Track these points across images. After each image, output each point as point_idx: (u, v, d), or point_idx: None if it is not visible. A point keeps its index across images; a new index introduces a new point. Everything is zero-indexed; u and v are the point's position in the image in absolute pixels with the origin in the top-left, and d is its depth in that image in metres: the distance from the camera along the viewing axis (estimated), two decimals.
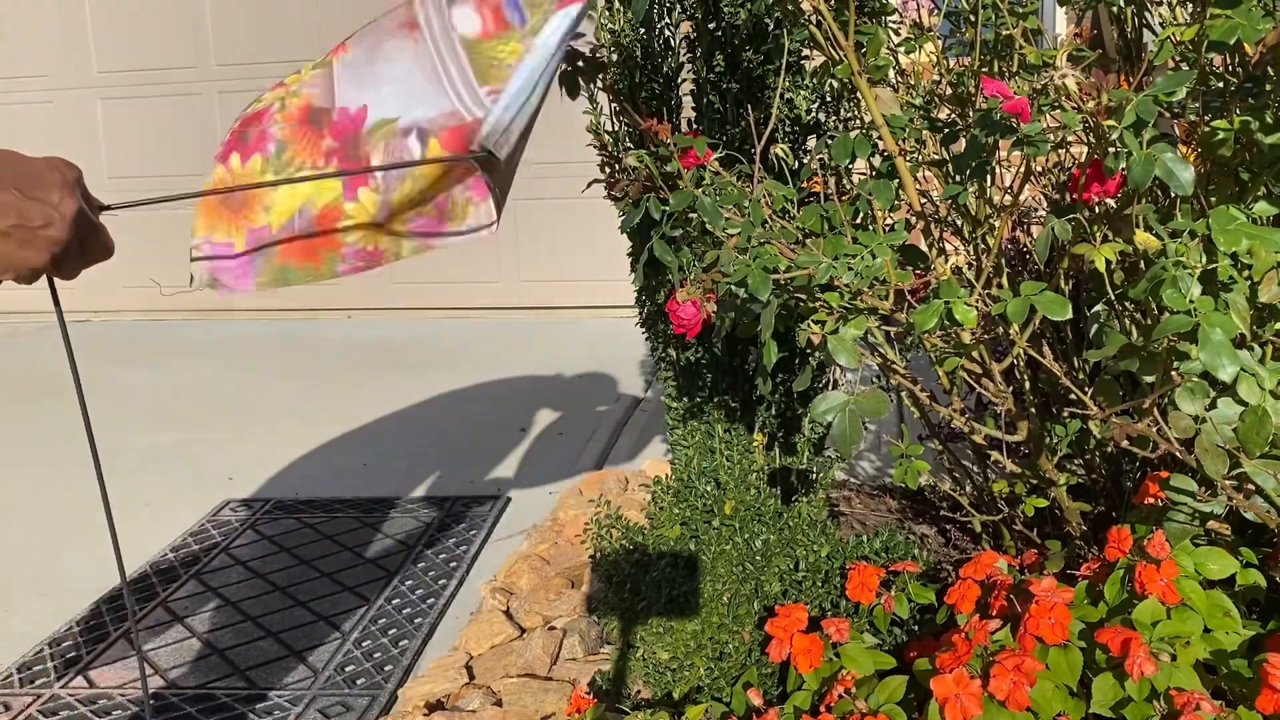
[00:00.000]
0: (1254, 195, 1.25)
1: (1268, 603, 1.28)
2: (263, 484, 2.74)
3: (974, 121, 1.17)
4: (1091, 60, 1.43)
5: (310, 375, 3.88)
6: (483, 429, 3.11)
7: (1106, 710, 1.13)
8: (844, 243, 1.19)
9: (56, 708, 1.74)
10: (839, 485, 2.32)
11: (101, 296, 5.31)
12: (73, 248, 0.77)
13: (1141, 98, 1.02)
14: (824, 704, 1.27)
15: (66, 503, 2.66)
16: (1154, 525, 1.29)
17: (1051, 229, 1.18)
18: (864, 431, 1.16)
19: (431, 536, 2.36)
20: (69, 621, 2.04)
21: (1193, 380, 1.08)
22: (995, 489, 1.62)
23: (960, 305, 1.10)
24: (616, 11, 1.83)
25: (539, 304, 4.75)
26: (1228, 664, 1.16)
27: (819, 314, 1.19)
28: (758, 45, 1.79)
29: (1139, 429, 1.16)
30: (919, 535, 2.02)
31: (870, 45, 1.34)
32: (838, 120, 1.89)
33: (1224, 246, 1.06)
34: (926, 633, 1.45)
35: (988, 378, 1.41)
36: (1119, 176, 1.06)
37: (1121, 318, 1.28)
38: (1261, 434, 1.07)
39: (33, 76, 5.18)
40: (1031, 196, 1.78)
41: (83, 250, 0.79)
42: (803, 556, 1.68)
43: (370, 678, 1.79)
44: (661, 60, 1.89)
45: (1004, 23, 1.36)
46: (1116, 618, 1.21)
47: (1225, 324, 1.02)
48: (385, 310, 5.10)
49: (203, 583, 2.19)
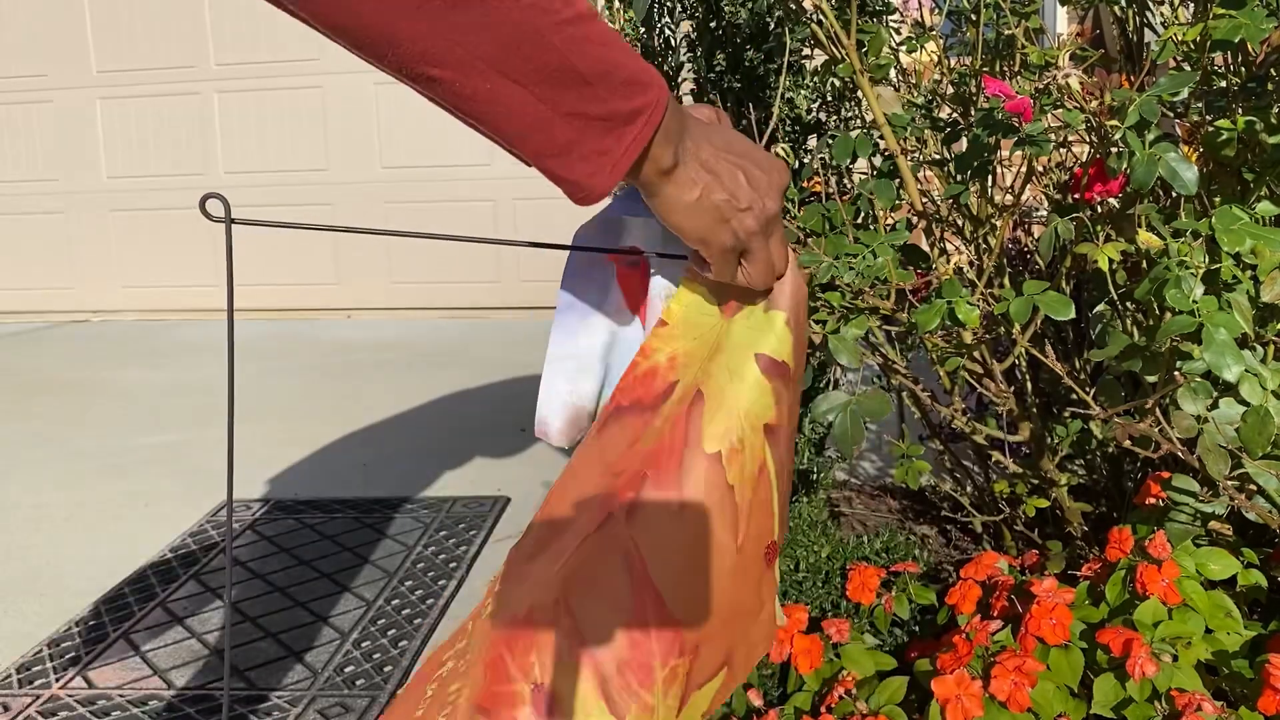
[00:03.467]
0: (1257, 195, 1.25)
1: (1269, 603, 1.28)
2: (262, 484, 2.74)
3: (976, 121, 1.17)
4: (1094, 60, 1.43)
5: (310, 375, 3.88)
6: (483, 429, 3.11)
7: (1108, 711, 1.13)
8: (845, 242, 1.19)
9: (56, 708, 1.74)
10: (839, 485, 2.32)
11: (101, 296, 5.31)
12: (755, 244, 0.75)
13: (1145, 97, 1.01)
14: (824, 705, 1.26)
15: (66, 502, 2.65)
16: (1155, 526, 1.29)
17: (1055, 228, 1.18)
18: (865, 431, 1.16)
19: (431, 536, 2.36)
20: (69, 621, 2.03)
21: (1195, 380, 1.08)
22: (996, 489, 1.61)
23: (963, 305, 1.10)
24: (617, 11, 1.82)
25: (539, 304, 4.75)
26: (1229, 665, 1.16)
27: (820, 313, 1.19)
28: (759, 44, 1.79)
29: (1141, 429, 1.15)
30: (920, 536, 2.02)
31: (872, 44, 1.34)
32: (839, 119, 1.89)
33: (1227, 246, 1.05)
34: (927, 633, 1.45)
35: (989, 378, 1.41)
36: (1122, 176, 1.06)
37: (1124, 318, 1.28)
38: (1263, 434, 1.07)
39: (33, 76, 5.18)
40: (1033, 196, 1.78)
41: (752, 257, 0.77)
42: (803, 557, 1.67)
43: (370, 679, 1.79)
44: (662, 59, 1.89)
45: (1006, 22, 1.36)
46: (1118, 618, 1.21)
47: (1229, 324, 1.02)
48: (385, 310, 5.09)
49: (202, 583, 2.18)
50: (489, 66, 0.60)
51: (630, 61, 0.64)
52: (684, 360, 0.82)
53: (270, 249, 4.89)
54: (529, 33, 0.59)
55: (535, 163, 0.65)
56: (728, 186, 0.72)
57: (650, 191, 0.71)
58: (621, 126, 0.65)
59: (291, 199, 4.96)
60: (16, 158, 5.29)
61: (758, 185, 0.73)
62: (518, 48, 0.59)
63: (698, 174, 0.71)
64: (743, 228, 0.73)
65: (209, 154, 5.11)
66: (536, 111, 0.62)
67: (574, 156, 0.64)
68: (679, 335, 0.82)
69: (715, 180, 0.72)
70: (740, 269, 0.76)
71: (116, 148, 5.21)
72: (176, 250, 5.19)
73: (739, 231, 0.73)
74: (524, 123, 0.63)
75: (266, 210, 4.74)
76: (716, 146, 0.72)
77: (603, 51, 0.63)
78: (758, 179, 0.73)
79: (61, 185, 5.27)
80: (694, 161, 0.71)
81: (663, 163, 0.69)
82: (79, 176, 5.25)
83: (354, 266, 5.11)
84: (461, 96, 0.61)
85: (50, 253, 5.32)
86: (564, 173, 0.65)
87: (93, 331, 4.92)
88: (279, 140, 4.97)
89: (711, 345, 0.82)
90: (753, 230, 0.74)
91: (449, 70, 0.59)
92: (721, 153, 0.72)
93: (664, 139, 0.68)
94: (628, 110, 0.64)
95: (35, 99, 5.22)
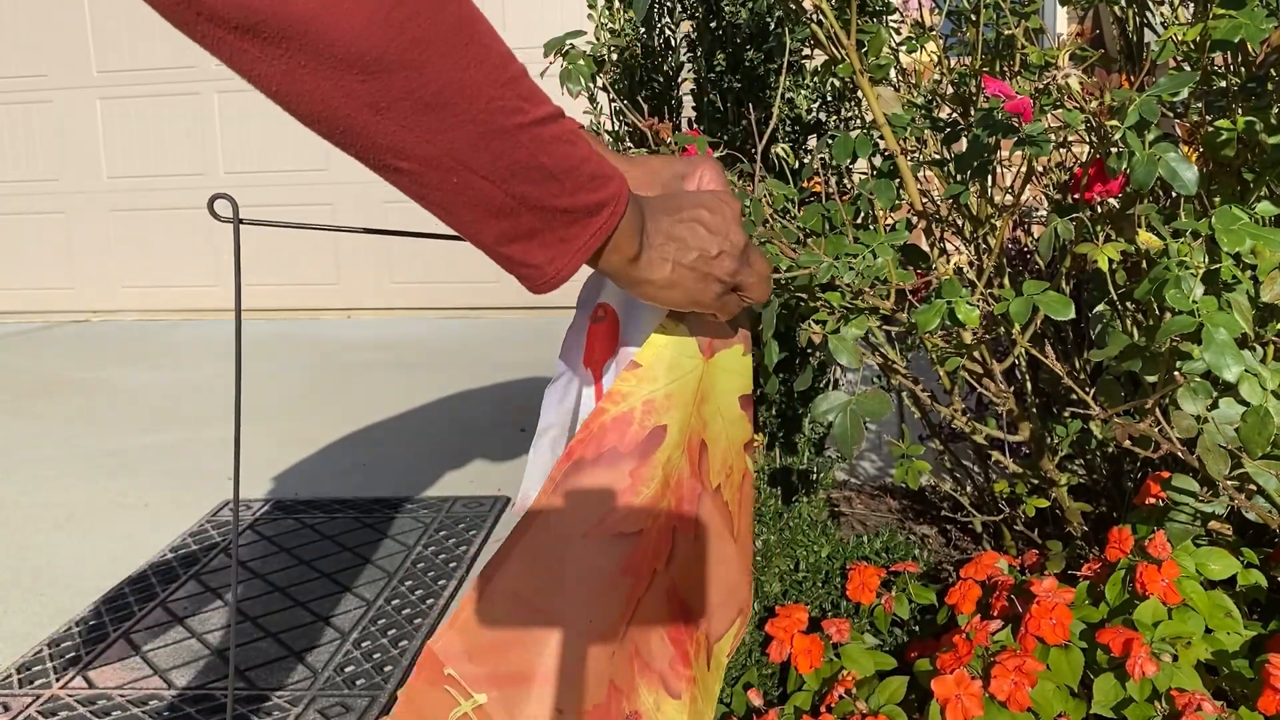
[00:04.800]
0: (1257, 195, 1.25)
1: (1269, 603, 1.28)
2: (262, 484, 2.74)
3: (976, 121, 1.17)
4: (1094, 60, 1.43)
5: (310, 375, 3.88)
6: (483, 429, 3.11)
7: (1107, 711, 1.13)
8: (845, 242, 1.19)
9: (56, 708, 1.74)
10: (839, 485, 2.32)
11: (101, 296, 5.31)
12: (742, 277, 0.79)
13: (1145, 98, 1.01)
14: (824, 704, 1.26)
15: (66, 502, 2.65)
16: (1155, 526, 1.29)
17: (1055, 228, 1.18)
18: (865, 431, 1.16)
19: (431, 536, 2.36)
20: (69, 621, 2.03)
21: (1195, 380, 1.08)
22: (996, 489, 1.61)
23: (962, 305, 1.10)
24: (617, 11, 1.82)
25: (539, 304, 4.74)
26: (1229, 664, 1.16)
27: (820, 313, 1.19)
28: (759, 44, 1.79)
29: (1141, 429, 1.15)
30: (919, 535, 2.02)
31: (872, 44, 1.34)
32: (839, 119, 1.89)
33: (1227, 247, 1.05)
34: (927, 633, 1.45)
35: (989, 378, 1.41)
36: (1122, 176, 1.06)
37: (1124, 318, 1.28)
38: (1263, 434, 1.07)
39: (33, 76, 5.18)
40: (1033, 196, 1.78)
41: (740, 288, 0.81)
42: (803, 557, 1.68)
43: (370, 678, 1.79)
44: (662, 59, 1.89)
45: (1005, 22, 1.36)
46: (1118, 618, 1.21)
47: (1229, 324, 1.02)
48: (385, 310, 5.10)
49: (202, 583, 2.18)
50: (457, 162, 0.60)
51: (594, 157, 0.66)
52: (664, 403, 0.86)
53: (270, 249, 4.89)
54: (498, 132, 0.60)
55: (493, 248, 0.66)
56: (693, 245, 0.75)
57: (625, 281, 0.74)
58: (586, 218, 0.67)
59: (292, 199, 4.97)
60: (16, 158, 5.29)
61: (716, 229, 0.76)
62: (486, 146, 0.60)
63: (664, 248, 0.74)
64: (724, 271, 0.77)
65: (209, 154, 5.11)
66: (502, 203, 0.63)
67: (535, 243, 0.66)
68: (658, 378, 0.86)
69: (681, 246, 0.75)
70: (740, 298, 0.81)
71: (116, 148, 5.21)
72: (176, 250, 5.19)
73: (722, 277, 0.77)
74: (488, 212, 0.64)
75: (267, 210, 4.74)
76: (670, 215, 0.75)
77: (569, 149, 0.64)
78: (714, 223, 0.76)
79: (61, 185, 5.27)
80: (658, 238, 0.74)
81: (628, 251, 0.71)
82: (79, 176, 5.25)
83: (354, 266, 5.11)
84: (427, 186, 0.62)
85: (50, 253, 5.32)
86: (524, 256, 0.66)
87: (93, 331, 4.92)
88: (279, 140, 4.97)
89: (694, 389, 0.87)
90: (733, 270, 0.77)
91: (417, 164, 0.60)
92: (675, 218, 0.75)
93: (629, 229, 0.70)
94: (593, 202, 0.67)
95: (35, 99, 5.22)
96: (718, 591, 0.98)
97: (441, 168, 0.61)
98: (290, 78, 0.55)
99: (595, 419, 0.84)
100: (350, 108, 0.56)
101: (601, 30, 1.82)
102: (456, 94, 0.58)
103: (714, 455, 0.92)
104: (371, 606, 2.04)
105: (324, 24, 0.53)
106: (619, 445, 0.83)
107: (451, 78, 0.57)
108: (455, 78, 0.57)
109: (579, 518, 0.83)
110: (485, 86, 0.59)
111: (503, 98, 0.60)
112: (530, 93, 0.62)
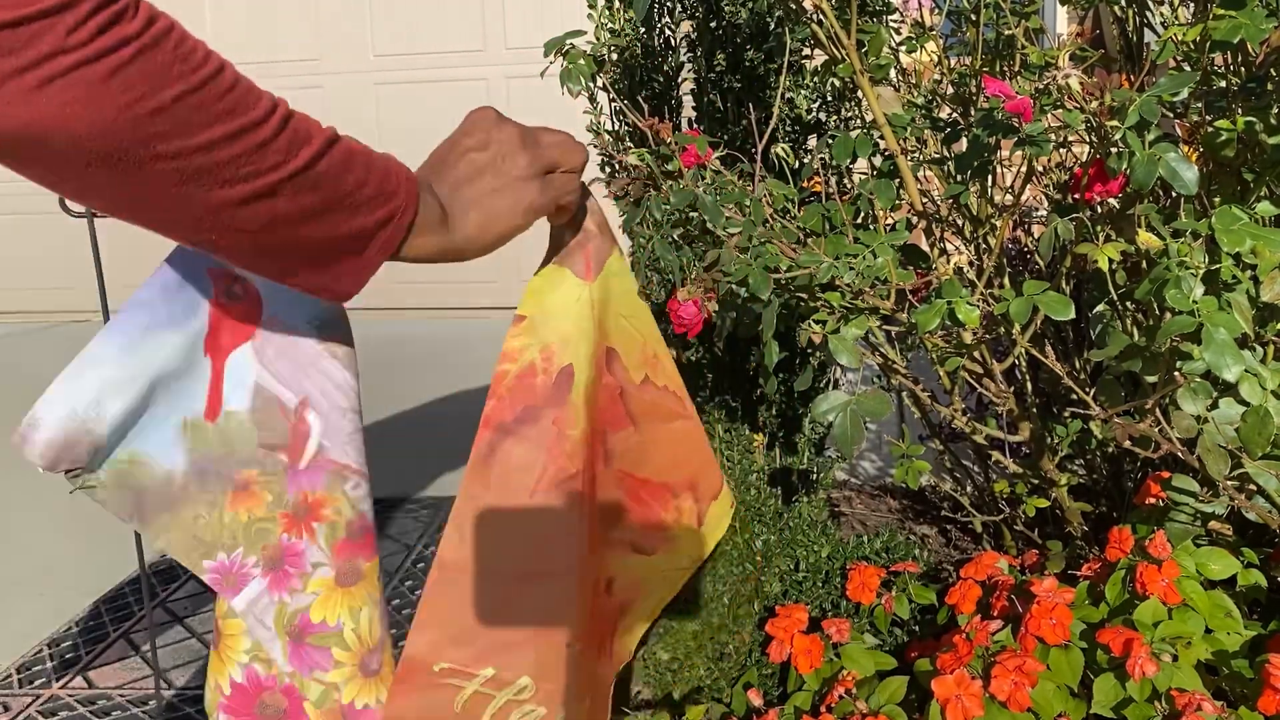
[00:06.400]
0: (1257, 195, 1.25)
1: (1269, 603, 1.28)
2: None
3: (976, 121, 1.17)
4: (1094, 60, 1.43)
5: None
6: None
7: (1108, 711, 1.13)
8: (845, 242, 1.19)
9: (56, 708, 1.74)
10: (840, 485, 2.32)
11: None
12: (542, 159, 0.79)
13: (1145, 98, 1.01)
14: (824, 704, 1.26)
15: (66, 502, 2.65)
16: (1155, 525, 1.29)
17: (1055, 228, 1.18)
18: (865, 431, 1.16)
19: (431, 536, 2.35)
20: (69, 621, 2.03)
21: (1195, 380, 1.08)
22: (996, 489, 1.61)
23: (963, 305, 1.10)
24: (617, 10, 1.82)
25: None
26: (1229, 664, 1.16)
27: (820, 314, 1.19)
28: (759, 44, 1.79)
29: (1141, 429, 1.15)
30: (920, 535, 2.02)
31: (872, 44, 1.34)
32: (839, 119, 1.89)
33: (1227, 247, 1.05)
34: (927, 633, 1.45)
35: (989, 378, 1.41)
36: (1122, 176, 1.06)
37: (1124, 318, 1.28)
38: (1263, 434, 1.07)
39: None
40: (1033, 196, 1.78)
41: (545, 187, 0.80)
42: (803, 557, 1.67)
43: None
44: (662, 59, 1.89)
45: (1006, 22, 1.36)
46: (1118, 618, 1.21)
47: (1229, 324, 1.02)
48: (385, 310, 5.09)
49: (202, 583, 2.18)
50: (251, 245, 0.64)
51: (371, 176, 0.67)
52: (561, 345, 0.87)
53: None
54: (256, 195, 0.61)
55: (284, 279, 0.69)
56: (474, 173, 0.75)
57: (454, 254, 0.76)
58: (377, 232, 0.69)
59: None
60: None
61: (482, 144, 0.76)
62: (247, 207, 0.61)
63: (457, 199, 0.74)
64: (518, 168, 0.76)
65: None
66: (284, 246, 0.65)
67: (326, 271, 0.69)
68: (548, 322, 0.87)
69: (468, 184, 0.75)
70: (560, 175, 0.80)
71: None
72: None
73: (522, 174, 0.77)
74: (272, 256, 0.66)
75: None
76: (442, 170, 0.75)
77: (334, 185, 0.65)
78: (476, 142, 0.76)
79: None
80: (449, 197, 0.74)
81: (435, 232, 0.73)
82: None
83: None
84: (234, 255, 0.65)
85: (50, 253, 5.32)
86: (315, 281, 0.69)
87: (93, 332, 4.91)
88: None
89: (589, 316, 0.88)
90: (526, 161, 0.77)
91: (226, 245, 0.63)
92: (448, 169, 0.75)
93: (425, 219, 0.72)
94: (377, 220, 0.68)
95: None
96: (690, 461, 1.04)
97: (240, 253, 0.64)
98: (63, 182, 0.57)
99: (500, 382, 0.85)
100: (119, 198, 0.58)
101: (601, 30, 1.82)
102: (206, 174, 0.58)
103: (628, 353, 0.94)
104: None
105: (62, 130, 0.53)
106: (532, 400, 0.85)
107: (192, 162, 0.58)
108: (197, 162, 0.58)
109: (521, 482, 0.84)
110: (232, 161, 0.59)
111: (252, 162, 0.60)
112: (288, 144, 0.61)
